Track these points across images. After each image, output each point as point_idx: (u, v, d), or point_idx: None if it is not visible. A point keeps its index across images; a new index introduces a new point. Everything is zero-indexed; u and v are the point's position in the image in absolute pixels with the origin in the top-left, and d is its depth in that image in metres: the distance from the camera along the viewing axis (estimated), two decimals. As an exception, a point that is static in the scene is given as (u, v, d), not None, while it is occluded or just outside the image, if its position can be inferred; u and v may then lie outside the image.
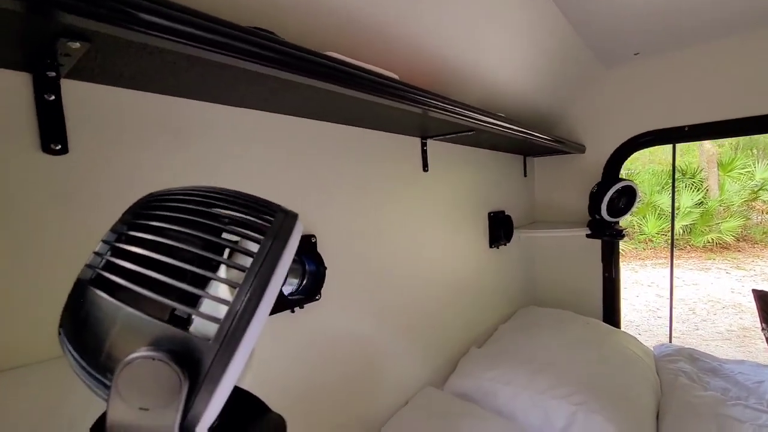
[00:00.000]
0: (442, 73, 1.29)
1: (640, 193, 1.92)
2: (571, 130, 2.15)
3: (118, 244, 0.34)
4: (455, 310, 1.61)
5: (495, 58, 1.41)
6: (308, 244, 0.96)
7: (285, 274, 0.34)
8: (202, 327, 0.31)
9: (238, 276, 0.32)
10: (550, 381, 1.30)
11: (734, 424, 1.25)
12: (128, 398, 0.29)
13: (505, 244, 1.94)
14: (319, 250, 0.98)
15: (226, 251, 0.35)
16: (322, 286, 0.96)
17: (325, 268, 0.95)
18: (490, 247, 1.87)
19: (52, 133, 0.58)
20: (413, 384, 1.35)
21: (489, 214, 1.86)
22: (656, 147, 7.89)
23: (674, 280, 3.58)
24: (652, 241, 7.44)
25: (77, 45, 0.46)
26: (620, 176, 2.08)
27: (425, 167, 1.41)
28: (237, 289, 0.31)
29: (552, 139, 1.72)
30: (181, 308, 0.31)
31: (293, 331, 0.95)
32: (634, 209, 1.89)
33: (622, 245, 5.93)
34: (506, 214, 1.91)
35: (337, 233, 1.06)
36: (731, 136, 1.78)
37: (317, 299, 0.99)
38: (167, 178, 0.72)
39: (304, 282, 0.95)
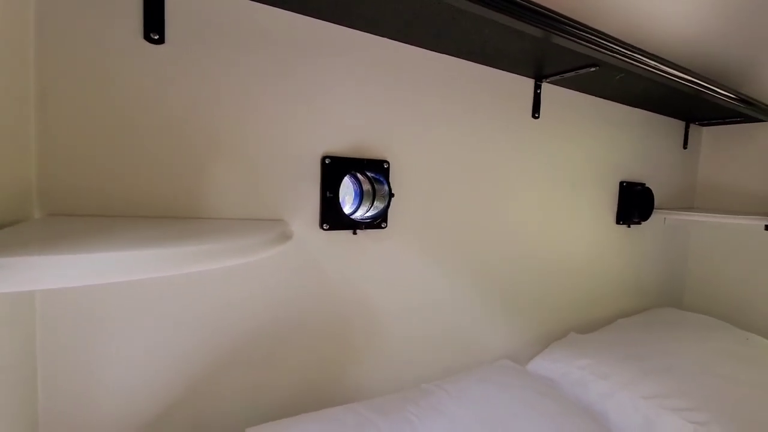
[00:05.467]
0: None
1: None
2: (762, 90, 1.58)
3: None
4: (558, 289, 1.40)
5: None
6: (380, 168, 0.93)
7: None
8: None
9: None
10: (665, 387, 1.02)
11: None
12: None
13: (639, 223, 1.58)
14: (391, 178, 0.95)
15: None
16: (386, 213, 0.93)
17: (393, 195, 0.92)
18: (618, 223, 1.55)
19: (153, 24, 0.67)
20: (486, 354, 1.23)
21: (621, 183, 1.53)
22: None
23: None
24: None
25: None
26: None
27: (535, 113, 1.22)
28: None
29: (734, 96, 1.31)
30: None
31: (353, 251, 0.95)
32: None
33: None
34: (646, 186, 1.54)
35: (414, 167, 1.01)
36: None
37: (383, 227, 0.96)
38: (257, 85, 0.78)
39: (373, 204, 0.94)
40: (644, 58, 0.99)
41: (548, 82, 1.21)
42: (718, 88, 1.25)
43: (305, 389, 0.91)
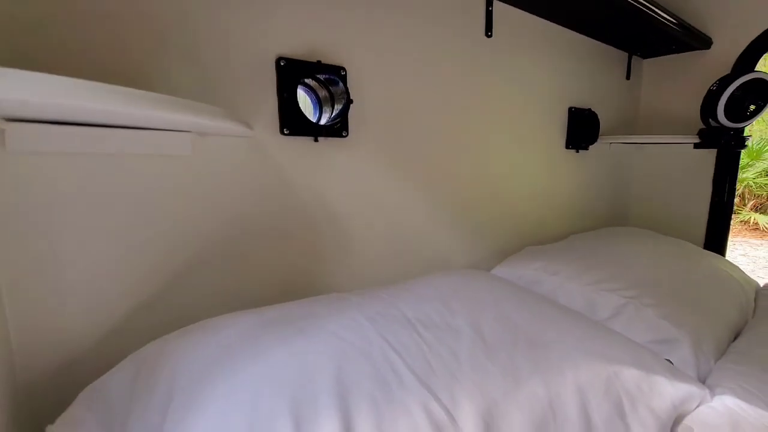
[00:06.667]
0: None
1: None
2: (694, 19, 1.69)
3: None
4: (513, 210, 1.50)
5: None
6: (337, 74, 0.94)
7: None
8: None
9: None
10: (604, 275, 1.15)
11: None
12: None
13: (586, 148, 1.69)
14: (349, 88, 0.96)
15: None
16: (346, 114, 0.95)
17: (351, 101, 0.93)
18: (567, 148, 1.65)
19: None
20: (451, 265, 1.31)
21: (570, 109, 1.62)
22: None
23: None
24: None
25: None
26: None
27: (488, 32, 1.26)
28: None
29: (673, 20, 1.40)
30: None
31: (316, 158, 0.97)
32: (765, 113, 1.47)
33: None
34: (592, 111, 1.64)
35: (371, 77, 1.03)
36: None
37: (344, 136, 0.99)
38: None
39: (334, 108, 0.95)
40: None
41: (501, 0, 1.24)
42: (661, 11, 1.34)
43: (275, 290, 0.95)
